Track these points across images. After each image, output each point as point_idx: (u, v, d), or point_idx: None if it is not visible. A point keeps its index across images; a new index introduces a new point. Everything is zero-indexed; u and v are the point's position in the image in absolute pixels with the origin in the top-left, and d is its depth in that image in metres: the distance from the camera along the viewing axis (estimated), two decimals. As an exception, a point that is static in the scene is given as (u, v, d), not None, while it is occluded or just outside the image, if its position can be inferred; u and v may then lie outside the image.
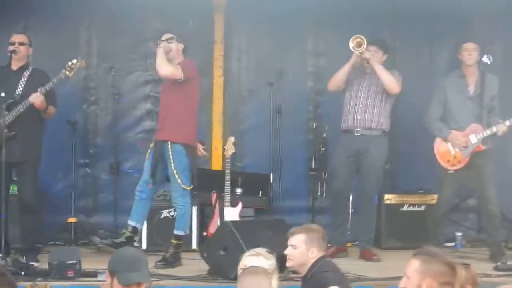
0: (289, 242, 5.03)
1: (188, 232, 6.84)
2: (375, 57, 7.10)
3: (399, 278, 5.69)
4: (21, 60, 6.82)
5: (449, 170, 7.07)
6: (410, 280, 3.40)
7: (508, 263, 6.55)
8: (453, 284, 3.40)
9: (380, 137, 7.21)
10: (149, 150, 6.70)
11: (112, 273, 3.87)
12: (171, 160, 6.52)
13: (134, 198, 6.70)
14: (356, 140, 7.14)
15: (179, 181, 6.55)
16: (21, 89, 6.70)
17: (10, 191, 6.80)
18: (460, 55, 7.11)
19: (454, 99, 7.10)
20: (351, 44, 6.95)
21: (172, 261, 6.53)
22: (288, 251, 5.02)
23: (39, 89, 6.55)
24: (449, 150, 7.05)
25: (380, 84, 7.10)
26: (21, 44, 6.82)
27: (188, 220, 6.77)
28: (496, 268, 6.36)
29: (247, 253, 4.66)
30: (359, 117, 7.12)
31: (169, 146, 6.52)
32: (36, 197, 6.83)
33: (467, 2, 7.85)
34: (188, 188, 6.61)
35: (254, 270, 4.16)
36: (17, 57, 6.78)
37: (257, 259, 4.55)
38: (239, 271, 4.53)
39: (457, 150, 6.99)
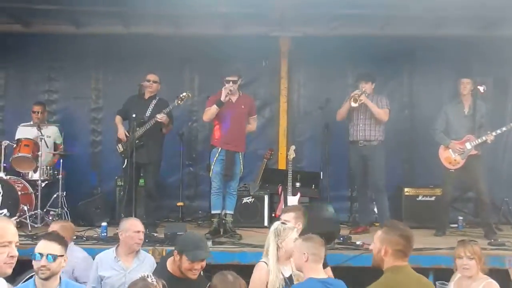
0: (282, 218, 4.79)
1: None
2: (368, 89, 6.97)
3: (415, 249, 5.70)
4: (152, 92, 6.97)
5: (451, 169, 6.92)
6: (375, 245, 3.32)
7: (499, 240, 6.36)
8: (406, 252, 3.27)
9: (379, 145, 7.06)
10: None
11: (181, 252, 3.83)
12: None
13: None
14: (361, 149, 7.03)
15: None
16: (150, 112, 6.83)
17: (139, 184, 6.95)
18: (458, 86, 6.98)
19: (454, 118, 6.98)
20: (352, 104, 6.89)
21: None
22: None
23: (163, 111, 6.68)
24: (450, 155, 6.91)
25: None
26: (154, 82, 6.98)
27: None
28: (490, 244, 6.16)
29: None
30: (361, 134, 7.02)
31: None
32: (156, 188, 6.94)
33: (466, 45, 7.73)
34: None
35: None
36: (150, 90, 6.94)
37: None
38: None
39: (457, 154, 6.86)
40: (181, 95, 6.69)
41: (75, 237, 5.77)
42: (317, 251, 3.86)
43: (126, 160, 6.71)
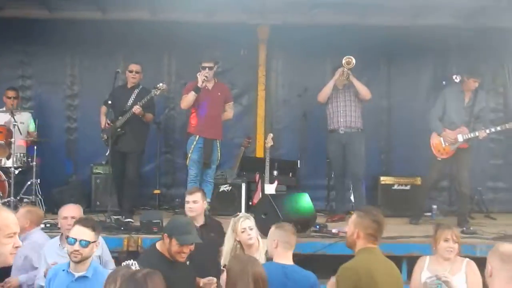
0: (190, 199, 4.97)
1: None
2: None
3: (389, 237, 5.79)
4: (135, 82, 7.01)
5: (438, 158, 6.97)
6: (349, 228, 3.60)
7: (471, 228, 6.47)
8: (376, 236, 3.52)
9: (358, 133, 7.11)
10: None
11: (170, 236, 3.92)
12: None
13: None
14: (341, 136, 7.06)
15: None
16: (131, 101, 6.88)
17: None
18: (467, 81, 6.88)
19: (452, 106, 6.95)
20: (344, 61, 6.86)
21: None
22: (191, 206, 4.96)
23: (138, 103, 6.74)
24: (441, 143, 6.95)
25: (352, 96, 7.01)
26: (137, 72, 7.04)
27: None
28: (463, 232, 6.24)
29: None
30: (341, 120, 7.04)
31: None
32: (138, 176, 7.02)
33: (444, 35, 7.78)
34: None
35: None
36: (133, 80, 7.00)
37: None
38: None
39: (447, 144, 6.90)
40: (158, 85, 6.71)
41: (49, 225, 5.73)
42: (288, 238, 3.95)
43: (108, 150, 6.73)
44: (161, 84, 6.73)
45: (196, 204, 5.00)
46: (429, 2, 7.05)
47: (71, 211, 4.76)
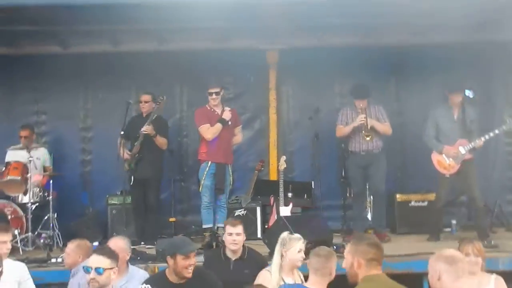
0: (234, 231, 4.90)
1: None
2: (364, 104, 7.05)
3: (408, 254, 5.70)
4: (149, 110, 7.11)
5: (446, 175, 6.91)
6: (346, 259, 3.32)
7: (492, 242, 6.36)
8: (378, 260, 3.29)
9: (380, 153, 7.12)
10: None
11: (173, 255, 4.07)
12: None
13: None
14: (362, 158, 7.07)
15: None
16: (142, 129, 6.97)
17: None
18: (450, 97, 6.98)
19: (444, 123, 6.98)
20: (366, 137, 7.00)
21: None
22: (235, 238, 4.89)
23: (147, 122, 6.86)
24: (444, 160, 6.90)
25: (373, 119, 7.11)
26: (146, 102, 7.18)
27: None
28: (484, 246, 6.03)
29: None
30: (363, 143, 7.07)
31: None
32: (159, 202, 7.17)
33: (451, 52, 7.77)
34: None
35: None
36: (144, 110, 7.15)
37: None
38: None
39: (451, 159, 6.85)
40: (158, 99, 6.87)
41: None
42: (318, 265, 3.97)
43: (132, 177, 6.92)
44: (161, 97, 6.86)
45: (239, 237, 4.94)
46: (436, 20, 7.03)
47: (117, 243, 4.74)
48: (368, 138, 7.01)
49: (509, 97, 8.25)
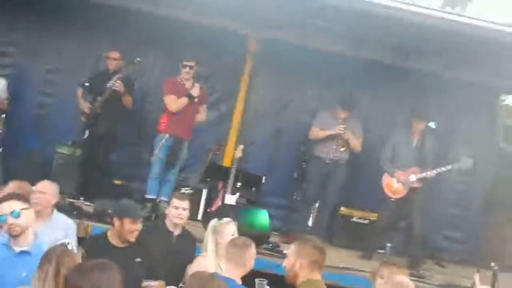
0: (180, 205, 4.90)
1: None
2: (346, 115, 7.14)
3: (339, 267, 5.79)
4: (115, 68, 7.15)
5: (391, 198, 7.04)
6: (289, 260, 3.37)
7: (421, 272, 6.51)
8: (320, 264, 3.35)
9: (343, 163, 7.23)
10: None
11: (121, 217, 4.14)
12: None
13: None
14: (326, 165, 7.15)
15: None
16: (111, 83, 6.91)
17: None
18: (413, 123, 7.10)
19: (401, 147, 7.10)
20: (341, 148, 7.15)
21: None
22: (181, 212, 4.89)
23: (116, 77, 6.85)
24: (393, 183, 7.03)
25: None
26: (114, 59, 7.18)
27: None
28: (411, 275, 6.22)
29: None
30: (331, 154, 7.19)
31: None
32: (108, 161, 7.21)
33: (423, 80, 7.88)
34: None
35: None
36: (111, 66, 7.16)
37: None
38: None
39: (400, 184, 6.98)
40: (134, 61, 6.84)
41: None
42: (238, 254, 3.99)
43: (87, 131, 6.86)
44: (137, 59, 6.81)
45: (185, 212, 4.90)
46: (414, 47, 7.12)
47: (43, 186, 4.73)
48: (342, 149, 7.09)
49: (469, 136, 8.43)
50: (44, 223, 4.63)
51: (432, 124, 7.29)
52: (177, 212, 4.87)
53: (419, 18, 6.34)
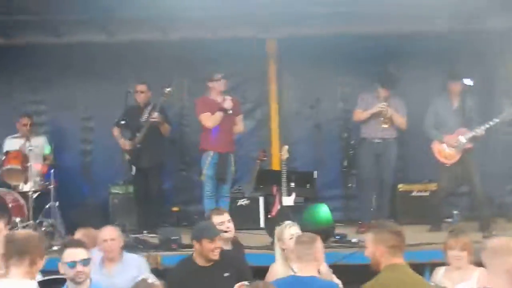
0: (224, 219, 4.85)
1: None
2: (385, 94, 7.03)
3: (411, 245, 5.71)
4: (145, 100, 7.24)
5: (446, 164, 6.93)
6: (368, 249, 3.30)
7: (493, 233, 6.36)
8: (400, 247, 3.27)
9: (393, 141, 7.13)
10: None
11: (199, 239, 4.24)
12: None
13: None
14: (376, 146, 7.07)
15: None
16: (145, 117, 7.04)
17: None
18: (449, 85, 7.00)
19: (443, 112, 7.01)
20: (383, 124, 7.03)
21: None
22: (229, 225, 4.88)
23: (153, 110, 7.00)
24: (444, 149, 6.91)
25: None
26: (141, 92, 7.29)
27: None
28: (484, 237, 6.14)
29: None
30: (378, 134, 7.08)
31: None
32: (161, 192, 7.34)
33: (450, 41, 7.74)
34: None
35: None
36: (140, 100, 7.24)
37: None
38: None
39: (452, 148, 6.86)
40: (165, 91, 6.88)
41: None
42: (306, 251, 3.98)
43: (133, 167, 7.04)
44: (168, 89, 6.88)
45: (231, 224, 4.91)
46: (436, 9, 7.01)
47: (110, 233, 4.86)
48: (386, 126, 7.00)
49: (508, 86, 8.23)
50: (116, 265, 4.80)
51: (469, 82, 7.13)
52: (225, 227, 4.83)
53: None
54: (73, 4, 6.76)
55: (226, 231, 4.80)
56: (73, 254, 3.85)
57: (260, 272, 4.66)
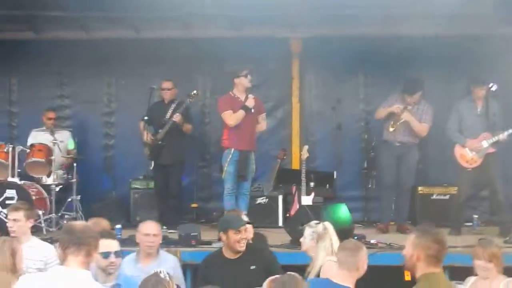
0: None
1: None
2: (413, 100, 7.02)
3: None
4: (171, 97, 7.30)
5: (467, 168, 6.90)
6: (407, 249, 3.21)
7: (514, 238, 6.33)
8: (439, 257, 3.15)
9: (413, 144, 7.14)
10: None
11: (226, 230, 4.35)
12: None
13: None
14: (396, 148, 7.08)
15: None
16: (169, 115, 7.10)
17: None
18: (473, 90, 6.96)
19: (467, 116, 6.97)
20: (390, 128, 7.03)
21: None
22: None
23: (177, 111, 7.02)
24: (466, 153, 6.88)
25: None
26: (168, 89, 7.30)
27: None
28: (506, 242, 6.11)
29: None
30: (398, 137, 7.08)
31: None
32: (181, 188, 7.40)
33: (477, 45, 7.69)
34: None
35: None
36: (166, 97, 7.29)
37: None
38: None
39: (474, 153, 6.83)
40: (191, 93, 6.98)
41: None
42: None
43: (153, 163, 7.10)
44: (194, 92, 7.00)
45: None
46: (462, 11, 6.97)
47: (153, 229, 4.80)
48: (392, 129, 7.00)
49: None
50: (153, 261, 4.73)
51: (493, 87, 7.07)
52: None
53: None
54: (102, 1, 6.86)
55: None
56: (107, 244, 3.87)
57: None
